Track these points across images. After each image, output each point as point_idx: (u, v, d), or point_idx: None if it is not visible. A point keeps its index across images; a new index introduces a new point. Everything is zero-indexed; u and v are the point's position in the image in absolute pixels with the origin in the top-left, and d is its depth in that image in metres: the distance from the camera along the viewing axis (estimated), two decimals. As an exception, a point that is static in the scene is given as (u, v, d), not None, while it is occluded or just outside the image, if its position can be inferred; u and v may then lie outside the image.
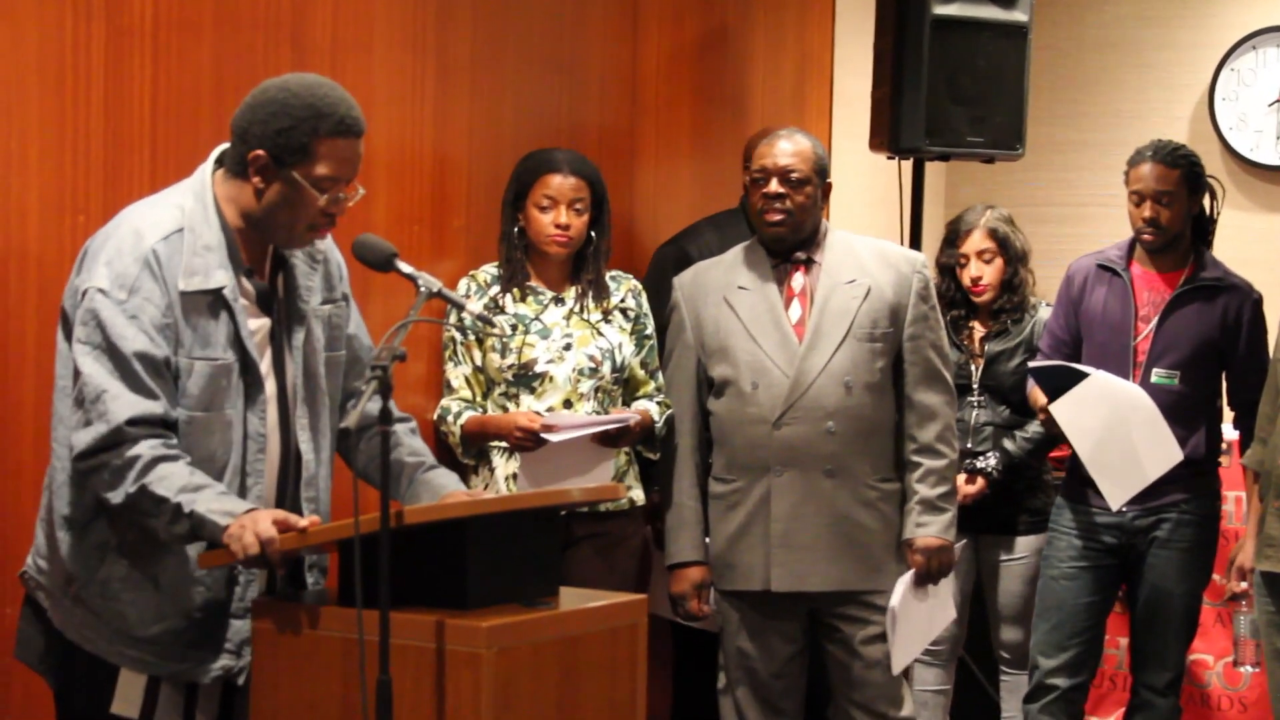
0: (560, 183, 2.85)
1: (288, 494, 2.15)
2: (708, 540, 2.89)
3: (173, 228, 2.04)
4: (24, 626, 2.13)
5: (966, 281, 3.42)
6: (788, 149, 2.82)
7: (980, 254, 3.41)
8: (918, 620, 2.85)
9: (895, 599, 2.79)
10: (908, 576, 2.82)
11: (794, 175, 2.81)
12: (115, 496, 1.97)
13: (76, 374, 1.99)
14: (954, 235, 3.48)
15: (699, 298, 2.90)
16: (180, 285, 2.01)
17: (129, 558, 2.04)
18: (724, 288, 2.87)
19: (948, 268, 3.46)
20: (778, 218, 2.82)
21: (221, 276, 2.04)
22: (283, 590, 2.18)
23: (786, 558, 2.80)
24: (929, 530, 2.81)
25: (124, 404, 1.96)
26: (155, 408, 1.98)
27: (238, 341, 2.06)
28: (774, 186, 2.81)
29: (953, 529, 2.85)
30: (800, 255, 2.86)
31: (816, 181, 2.84)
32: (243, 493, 2.07)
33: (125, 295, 1.98)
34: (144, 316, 1.98)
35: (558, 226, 2.85)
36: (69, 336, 2.04)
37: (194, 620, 2.06)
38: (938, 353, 2.88)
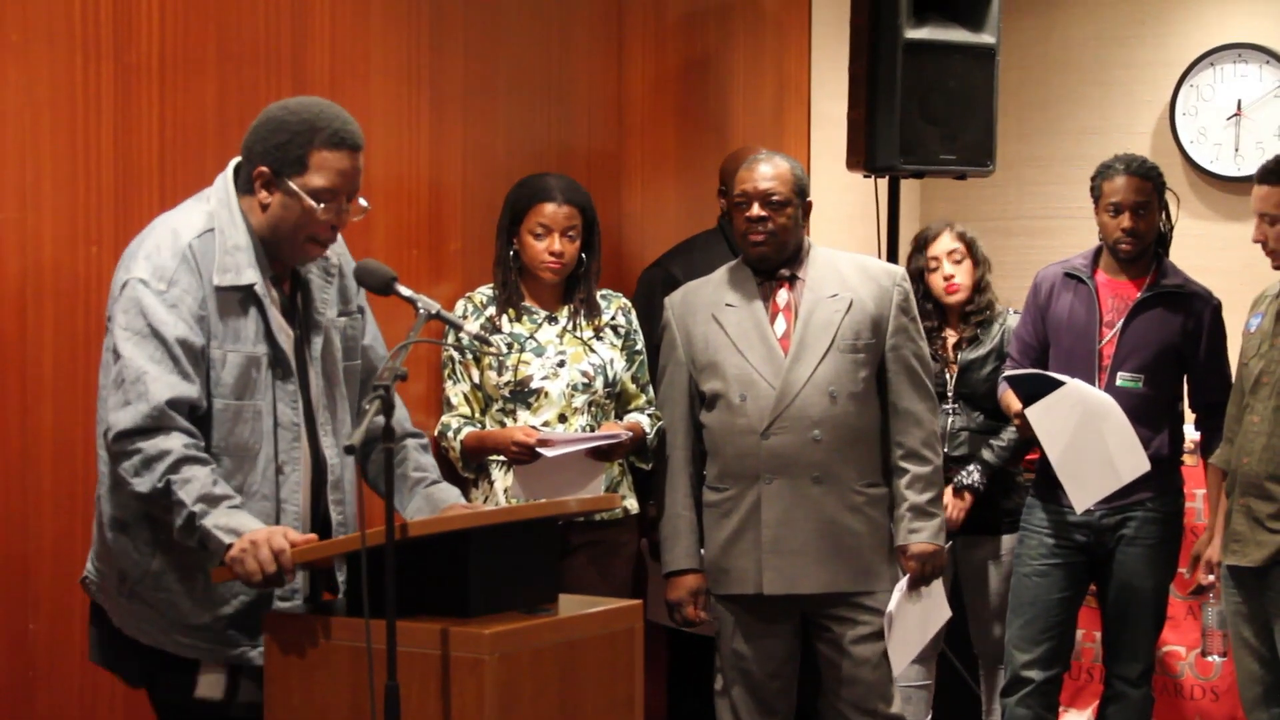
0: (554, 211, 2.91)
1: (318, 498, 2.22)
2: (702, 551, 2.95)
3: (205, 227, 2.12)
4: (93, 631, 2.21)
5: (939, 284, 3.48)
6: (768, 173, 2.89)
7: (950, 254, 3.49)
8: (912, 622, 2.92)
9: (892, 604, 2.86)
10: (903, 582, 2.88)
11: (775, 198, 2.88)
12: (141, 485, 2.01)
13: (116, 358, 2.04)
14: (922, 243, 3.55)
15: (689, 316, 2.96)
16: (215, 280, 2.09)
17: (176, 551, 2.10)
18: (712, 305, 2.94)
19: (917, 273, 3.51)
20: (761, 239, 2.89)
21: (251, 274, 2.12)
22: (322, 588, 2.24)
23: (778, 562, 2.86)
24: (921, 536, 2.88)
25: (163, 385, 2.02)
26: (192, 391, 2.05)
27: (268, 335, 2.13)
28: (756, 210, 2.88)
29: (943, 533, 2.92)
30: (784, 272, 2.93)
31: (797, 202, 2.90)
32: (279, 481, 2.13)
33: (165, 286, 2.06)
34: (183, 307, 2.06)
35: (551, 254, 2.91)
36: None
37: (240, 607, 2.13)
38: (920, 361, 2.95)
